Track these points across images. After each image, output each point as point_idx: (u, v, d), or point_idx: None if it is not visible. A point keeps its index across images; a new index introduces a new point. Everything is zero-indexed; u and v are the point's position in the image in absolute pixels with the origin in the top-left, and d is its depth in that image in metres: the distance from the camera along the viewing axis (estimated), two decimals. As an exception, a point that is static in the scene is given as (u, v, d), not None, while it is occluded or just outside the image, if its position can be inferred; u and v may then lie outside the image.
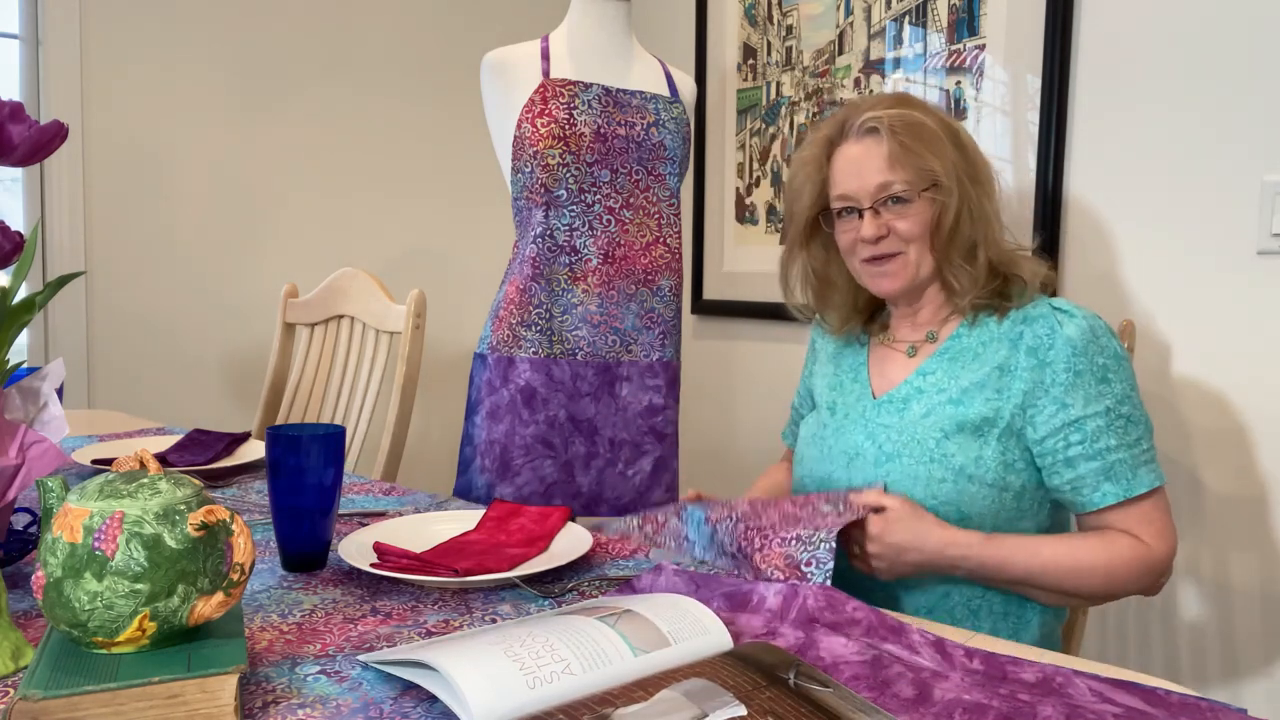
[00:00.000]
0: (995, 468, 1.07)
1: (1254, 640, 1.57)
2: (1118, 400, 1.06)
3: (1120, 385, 1.06)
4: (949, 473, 1.07)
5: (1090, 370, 1.05)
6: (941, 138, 1.12)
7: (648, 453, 1.67)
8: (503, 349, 1.59)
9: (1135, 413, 1.07)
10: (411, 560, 0.93)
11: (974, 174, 1.13)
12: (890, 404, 1.16)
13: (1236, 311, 1.57)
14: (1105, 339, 1.07)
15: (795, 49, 2.27)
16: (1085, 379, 1.05)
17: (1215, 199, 1.59)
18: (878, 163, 1.12)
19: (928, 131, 1.11)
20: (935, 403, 1.12)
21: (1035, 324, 1.09)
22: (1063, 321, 1.08)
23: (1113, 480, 1.05)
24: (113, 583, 0.62)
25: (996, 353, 1.11)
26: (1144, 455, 1.06)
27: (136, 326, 2.21)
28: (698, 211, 2.55)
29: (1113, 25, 1.70)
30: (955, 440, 1.08)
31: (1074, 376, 1.05)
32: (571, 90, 1.58)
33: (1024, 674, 0.72)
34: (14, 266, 0.84)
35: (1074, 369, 1.06)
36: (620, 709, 0.59)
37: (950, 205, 1.11)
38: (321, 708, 0.65)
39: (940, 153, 1.11)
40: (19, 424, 0.78)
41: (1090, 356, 1.06)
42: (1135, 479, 1.05)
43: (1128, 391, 1.07)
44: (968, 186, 1.12)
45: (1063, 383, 1.06)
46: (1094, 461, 1.05)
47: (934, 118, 1.14)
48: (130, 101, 2.17)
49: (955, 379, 1.12)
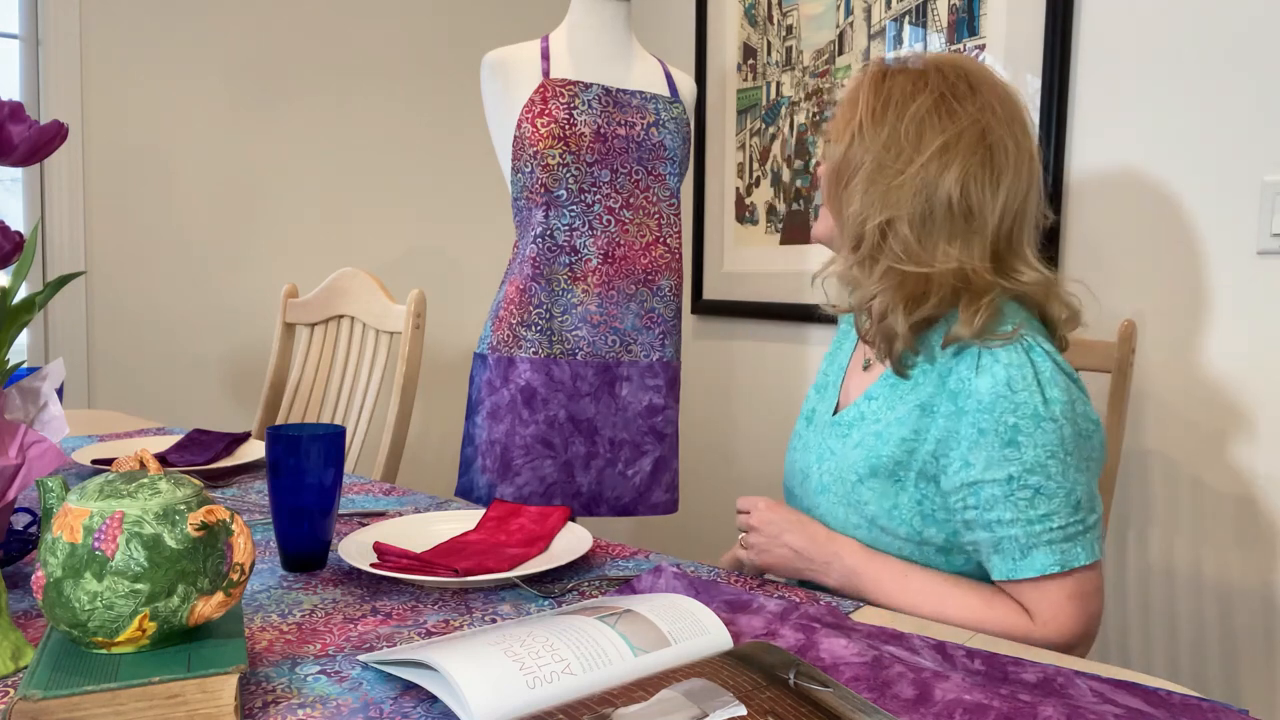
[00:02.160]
0: (910, 519, 0.98)
1: (1254, 640, 1.57)
2: (1025, 469, 0.90)
3: (1033, 451, 0.90)
4: (863, 520, 1.00)
5: (995, 430, 0.91)
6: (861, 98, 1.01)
7: (648, 453, 1.67)
8: (503, 349, 1.59)
9: (1048, 484, 0.90)
10: (411, 560, 0.93)
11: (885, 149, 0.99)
12: (839, 426, 1.08)
13: (1236, 311, 1.57)
14: (1024, 395, 0.91)
15: (795, 49, 2.27)
16: (989, 439, 0.91)
17: (1215, 199, 1.59)
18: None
19: (859, 98, 1.02)
20: (866, 434, 1.02)
21: (961, 363, 0.95)
22: (981, 367, 0.93)
23: (1000, 555, 0.93)
24: (113, 583, 0.62)
25: (926, 388, 0.98)
26: (1048, 534, 0.91)
27: (136, 326, 2.21)
28: (698, 211, 2.55)
29: (1113, 25, 1.70)
30: (869, 485, 1.00)
31: (978, 434, 0.92)
32: (571, 90, 1.58)
33: (1025, 674, 0.72)
34: (14, 266, 0.84)
35: (979, 426, 0.92)
36: (620, 709, 0.59)
37: (832, 158, 1.03)
38: (321, 708, 0.65)
39: (849, 117, 1.02)
40: (19, 424, 0.78)
41: (997, 415, 0.91)
42: (1023, 560, 0.91)
43: (1041, 459, 0.90)
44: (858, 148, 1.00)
45: (969, 438, 0.93)
46: (984, 532, 0.93)
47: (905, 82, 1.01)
48: (130, 101, 2.17)
49: (891, 409, 1.01)
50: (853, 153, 1.01)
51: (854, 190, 1.01)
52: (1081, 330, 1.12)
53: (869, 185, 1.00)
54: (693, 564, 0.99)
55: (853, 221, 1.01)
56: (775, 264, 2.34)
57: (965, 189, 0.97)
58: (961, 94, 0.99)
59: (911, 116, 0.99)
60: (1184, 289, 1.63)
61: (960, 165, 0.97)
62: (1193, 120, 1.61)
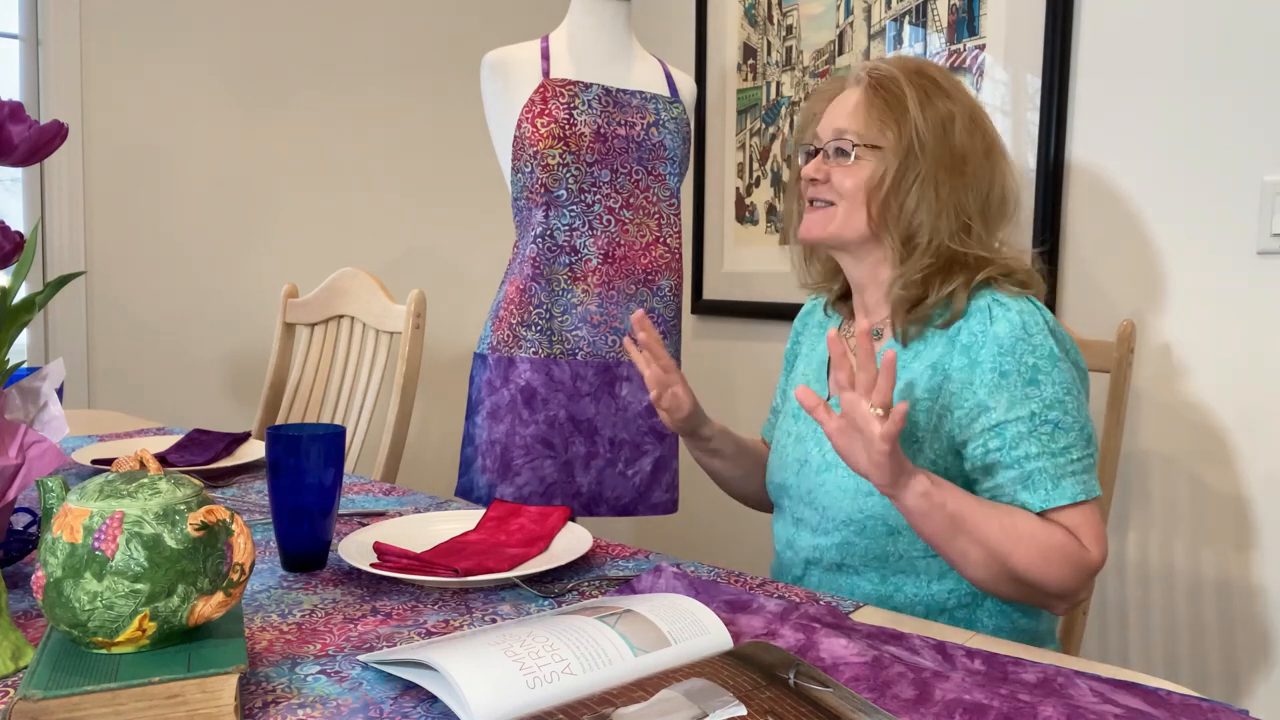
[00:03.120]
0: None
1: (1254, 640, 1.57)
2: (1045, 405, 0.97)
3: (1051, 389, 0.98)
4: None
5: (1017, 371, 0.98)
6: (909, 108, 1.06)
7: (648, 453, 1.67)
8: (503, 349, 1.59)
9: (1066, 419, 0.98)
10: (411, 560, 0.93)
11: (944, 158, 1.06)
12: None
13: (1236, 311, 1.57)
14: (1039, 337, 0.99)
15: (795, 49, 2.27)
16: (1011, 380, 0.98)
17: (1215, 199, 1.59)
18: (846, 109, 1.09)
19: (899, 95, 1.06)
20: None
21: (971, 319, 1.03)
22: (995, 316, 1.01)
23: (1030, 490, 0.97)
24: (113, 583, 0.62)
25: (934, 349, 1.05)
26: (1070, 465, 0.97)
27: (136, 326, 2.21)
28: (698, 211, 2.55)
29: (1113, 25, 1.70)
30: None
31: (999, 377, 0.98)
32: (571, 90, 1.58)
33: (1025, 674, 0.72)
34: (14, 266, 0.84)
35: (999, 369, 0.99)
36: (620, 709, 0.59)
37: (888, 171, 1.05)
38: (321, 708, 0.65)
39: (902, 119, 1.06)
40: (19, 424, 0.78)
41: (1018, 356, 0.98)
42: (1055, 490, 0.96)
43: (1059, 396, 0.98)
44: (921, 161, 1.05)
45: (988, 384, 0.99)
46: (1011, 470, 0.98)
47: (922, 87, 1.07)
48: (130, 101, 2.17)
49: (897, 378, 1.06)
50: (907, 160, 1.05)
51: (913, 194, 1.05)
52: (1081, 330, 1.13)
53: (937, 188, 1.05)
54: (693, 564, 0.99)
55: (912, 222, 1.06)
56: (775, 264, 2.34)
57: (1006, 183, 1.09)
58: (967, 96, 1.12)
59: (952, 120, 1.07)
60: (1184, 289, 1.63)
61: (1004, 161, 1.10)
62: (1193, 120, 1.61)
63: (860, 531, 1.07)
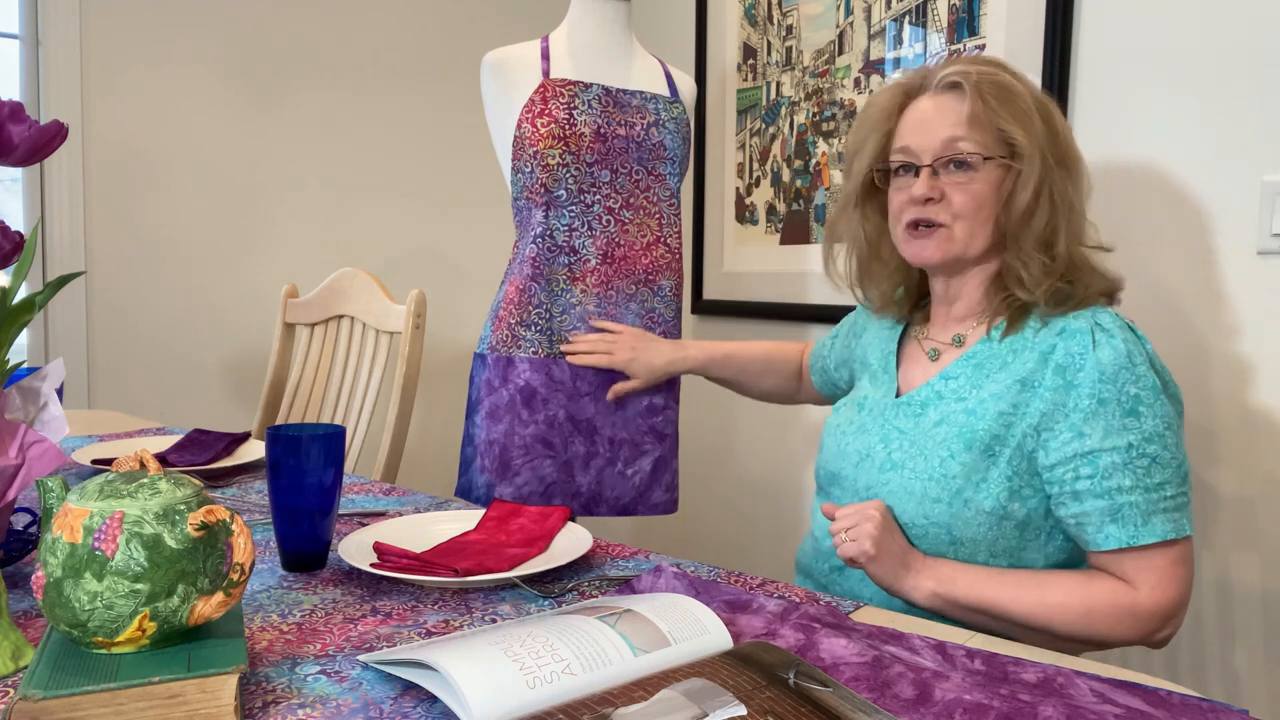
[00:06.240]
0: (998, 494, 1.00)
1: (1254, 640, 1.57)
2: (1144, 438, 0.95)
3: (1152, 421, 0.96)
4: (945, 494, 1.01)
5: (1117, 400, 0.96)
6: (1032, 109, 1.03)
7: (648, 453, 1.67)
8: (502, 349, 1.59)
9: (1164, 454, 0.96)
10: (411, 560, 0.93)
11: (1061, 157, 1.04)
12: (909, 405, 1.10)
13: (1236, 311, 1.57)
14: (1143, 368, 0.97)
15: (795, 49, 2.27)
16: (1110, 408, 0.96)
17: (1215, 199, 1.59)
18: (952, 119, 1.03)
19: (1017, 98, 1.02)
20: (951, 410, 1.05)
21: (1070, 339, 1.00)
22: (1099, 341, 0.98)
23: (1119, 524, 0.95)
24: (113, 583, 0.62)
25: (1024, 364, 1.02)
26: (1163, 502, 0.95)
27: (136, 326, 2.21)
28: (698, 211, 2.55)
29: (1113, 25, 1.70)
30: (960, 459, 1.01)
31: (1097, 404, 0.96)
32: (571, 90, 1.58)
33: (1025, 674, 0.72)
34: (14, 266, 0.84)
35: (1099, 396, 0.96)
36: (620, 709, 0.59)
37: (1028, 180, 1.01)
38: (321, 708, 0.65)
39: (1027, 124, 1.02)
40: (19, 424, 0.78)
41: (1120, 385, 0.96)
42: (1145, 526, 0.95)
43: (1159, 430, 0.96)
44: (1052, 166, 1.02)
45: (1084, 409, 0.97)
46: (1101, 500, 0.96)
47: (1026, 86, 1.05)
48: (130, 101, 2.17)
49: (977, 387, 1.04)
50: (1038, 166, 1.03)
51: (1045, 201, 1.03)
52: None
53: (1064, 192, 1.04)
54: (693, 564, 0.99)
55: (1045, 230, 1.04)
56: (775, 264, 2.34)
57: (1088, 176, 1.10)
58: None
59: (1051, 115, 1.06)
60: (1184, 289, 1.63)
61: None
62: (1192, 120, 1.61)
63: (921, 537, 1.03)
